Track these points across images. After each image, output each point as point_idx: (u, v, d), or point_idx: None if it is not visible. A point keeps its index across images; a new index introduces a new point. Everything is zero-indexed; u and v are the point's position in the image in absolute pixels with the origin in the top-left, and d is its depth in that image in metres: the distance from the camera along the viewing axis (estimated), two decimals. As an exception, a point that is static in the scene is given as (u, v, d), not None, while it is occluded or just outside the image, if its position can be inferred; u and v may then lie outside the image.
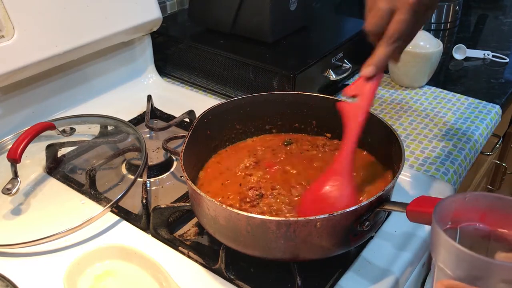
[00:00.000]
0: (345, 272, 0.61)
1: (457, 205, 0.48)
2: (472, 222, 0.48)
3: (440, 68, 1.07)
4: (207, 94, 1.04)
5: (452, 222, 0.48)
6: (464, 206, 0.47)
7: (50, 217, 0.70)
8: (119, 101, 0.98)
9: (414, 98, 1.01)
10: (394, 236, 0.66)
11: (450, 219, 0.48)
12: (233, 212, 0.53)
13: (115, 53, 0.99)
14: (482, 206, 0.47)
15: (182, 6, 1.21)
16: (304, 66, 0.91)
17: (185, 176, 0.59)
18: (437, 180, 0.77)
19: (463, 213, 0.47)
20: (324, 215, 0.52)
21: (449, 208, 0.47)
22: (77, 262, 0.60)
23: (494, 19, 1.42)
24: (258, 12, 0.96)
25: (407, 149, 0.85)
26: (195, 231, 0.68)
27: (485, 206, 0.47)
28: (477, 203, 0.47)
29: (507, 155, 1.40)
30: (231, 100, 0.74)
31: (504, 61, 1.14)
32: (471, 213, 0.47)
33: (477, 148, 0.88)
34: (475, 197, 0.47)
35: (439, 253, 0.43)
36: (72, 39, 0.84)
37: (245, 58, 0.95)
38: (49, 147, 0.80)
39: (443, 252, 0.43)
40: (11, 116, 0.85)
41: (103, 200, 0.72)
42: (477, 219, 0.47)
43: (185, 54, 1.04)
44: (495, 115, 0.95)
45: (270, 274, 0.61)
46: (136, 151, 0.80)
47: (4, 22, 0.76)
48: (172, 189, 0.76)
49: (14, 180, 0.70)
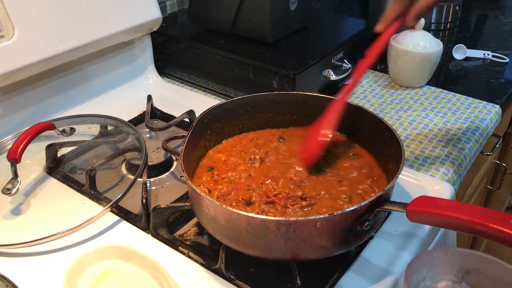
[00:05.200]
0: (345, 272, 0.61)
1: (437, 260, 0.46)
2: (451, 280, 0.46)
3: (440, 68, 1.07)
4: (207, 94, 1.04)
5: (430, 278, 0.46)
6: (445, 262, 0.46)
7: (50, 217, 0.70)
8: (119, 101, 0.98)
9: (414, 98, 1.01)
10: (394, 236, 0.66)
11: (427, 274, 0.46)
12: (233, 212, 0.53)
13: (115, 53, 0.99)
14: (465, 264, 0.45)
15: (182, 6, 1.21)
16: (304, 66, 0.91)
17: (185, 176, 0.59)
18: (437, 180, 0.77)
19: (443, 269, 0.46)
20: (324, 215, 0.52)
21: (426, 264, 0.46)
22: (77, 262, 0.60)
23: (494, 19, 1.42)
24: (258, 12, 0.96)
25: (407, 149, 0.85)
26: (195, 231, 0.68)
27: (468, 265, 0.45)
28: (460, 260, 0.45)
29: (507, 155, 1.40)
30: (231, 100, 0.74)
31: (504, 61, 1.14)
32: (452, 270, 0.45)
33: (477, 148, 0.88)
34: (458, 254, 0.45)
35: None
36: (72, 39, 0.84)
37: (245, 58, 0.95)
38: (49, 147, 0.80)
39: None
40: (11, 116, 0.85)
41: (103, 200, 0.72)
42: (458, 277, 0.46)
43: (185, 54, 1.04)
44: (495, 115, 0.95)
45: (270, 274, 0.61)
46: (136, 151, 0.80)
47: (4, 22, 0.76)
48: (172, 189, 0.76)
49: (14, 180, 0.70)
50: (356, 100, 1.00)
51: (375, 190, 0.64)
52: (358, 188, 0.65)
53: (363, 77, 0.68)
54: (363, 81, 1.07)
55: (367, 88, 1.04)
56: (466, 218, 0.46)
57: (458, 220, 0.47)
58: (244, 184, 0.65)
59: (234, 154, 0.72)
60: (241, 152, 0.72)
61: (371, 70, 1.10)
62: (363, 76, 0.68)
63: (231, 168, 0.69)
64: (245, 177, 0.67)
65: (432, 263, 0.46)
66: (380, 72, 1.10)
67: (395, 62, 1.03)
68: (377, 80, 1.08)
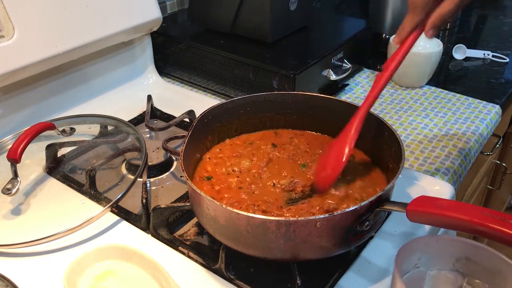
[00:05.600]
0: (345, 272, 0.61)
1: (428, 248, 0.46)
2: (443, 268, 0.46)
3: (440, 68, 1.07)
4: (207, 94, 1.04)
5: (422, 265, 0.46)
6: (436, 250, 0.45)
7: (50, 217, 0.70)
8: (119, 101, 0.98)
9: (414, 98, 1.01)
10: (394, 236, 0.66)
11: (418, 261, 0.46)
12: (233, 212, 0.53)
13: (115, 53, 0.99)
14: (456, 252, 0.45)
15: (182, 6, 1.21)
16: (304, 66, 0.91)
17: (185, 176, 0.59)
18: (437, 180, 0.77)
19: (435, 256, 0.45)
20: (324, 215, 0.52)
21: (417, 250, 0.45)
22: (77, 262, 0.60)
23: (494, 19, 1.42)
24: (258, 12, 0.96)
25: (407, 149, 0.85)
26: (195, 231, 0.68)
27: (460, 253, 0.45)
28: (452, 248, 0.45)
29: (507, 155, 1.40)
30: (231, 100, 0.74)
31: (504, 61, 1.14)
32: (443, 258, 0.45)
33: (477, 148, 0.88)
34: (450, 242, 0.45)
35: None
36: (72, 39, 0.84)
37: (245, 58, 0.95)
38: (49, 147, 0.80)
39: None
40: (11, 116, 0.85)
41: (103, 200, 0.72)
42: (449, 265, 0.46)
43: (185, 54, 1.04)
44: (495, 115, 0.95)
45: (270, 274, 0.61)
46: (136, 151, 0.80)
47: (4, 22, 0.76)
48: (172, 189, 0.76)
49: (14, 180, 0.70)
50: (356, 100, 1.00)
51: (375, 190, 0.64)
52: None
53: (381, 93, 0.65)
54: (363, 81, 1.07)
55: (367, 89, 1.04)
56: (466, 218, 0.46)
57: (458, 220, 0.47)
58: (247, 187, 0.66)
59: (233, 154, 0.72)
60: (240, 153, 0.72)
61: (371, 70, 1.10)
62: (382, 91, 0.65)
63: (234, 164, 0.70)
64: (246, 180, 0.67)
65: (424, 250, 0.46)
66: (380, 72, 1.10)
67: (395, 62, 1.02)
68: (377, 80, 1.07)
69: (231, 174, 0.68)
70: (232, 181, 0.66)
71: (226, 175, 0.68)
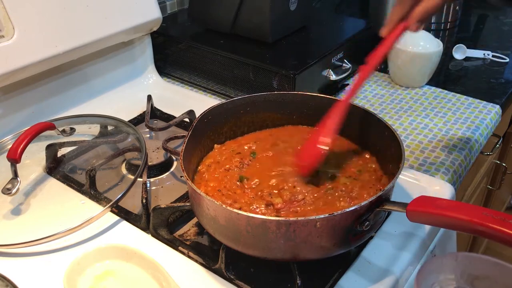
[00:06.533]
0: (345, 272, 0.61)
1: (446, 266, 0.45)
2: (460, 286, 0.45)
3: (440, 68, 1.07)
4: (207, 94, 1.04)
5: (439, 283, 0.45)
6: (454, 267, 0.44)
7: (50, 217, 0.70)
8: (119, 101, 0.98)
9: (414, 98, 1.01)
10: (394, 236, 0.66)
11: (436, 279, 0.45)
12: (233, 212, 0.53)
13: (115, 53, 0.99)
14: (475, 270, 0.44)
15: (182, 6, 1.21)
16: (304, 66, 0.91)
17: (185, 176, 0.59)
18: (437, 180, 0.77)
19: (452, 274, 0.44)
20: (324, 215, 0.52)
21: (436, 269, 0.44)
22: (77, 262, 0.60)
23: (494, 19, 1.42)
24: (258, 12, 0.96)
25: (407, 149, 0.85)
26: (195, 231, 0.68)
27: (478, 271, 0.44)
28: (470, 266, 0.44)
29: (507, 155, 1.40)
30: (231, 100, 0.74)
31: (504, 61, 1.14)
32: (462, 275, 0.44)
33: (477, 148, 0.88)
34: (468, 259, 0.44)
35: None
36: (72, 39, 0.84)
37: (245, 58, 0.95)
38: (49, 147, 0.80)
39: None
40: (11, 116, 0.85)
41: (103, 200, 0.72)
42: (468, 283, 0.45)
43: (185, 54, 1.04)
44: (495, 115, 0.95)
45: (270, 274, 0.61)
46: (136, 151, 0.80)
47: (4, 22, 0.76)
48: (172, 189, 0.76)
49: (14, 180, 0.70)
50: (356, 100, 1.00)
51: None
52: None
53: (364, 83, 0.66)
54: (363, 81, 1.07)
55: (367, 88, 1.04)
56: (466, 218, 0.46)
57: (458, 220, 0.47)
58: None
59: (233, 155, 0.72)
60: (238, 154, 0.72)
61: (371, 70, 1.10)
62: (365, 82, 0.65)
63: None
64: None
65: (442, 269, 0.45)
66: (380, 72, 1.10)
67: (395, 62, 1.03)
68: (377, 80, 1.08)
69: (231, 174, 0.68)
70: (233, 181, 0.66)
71: (226, 175, 0.68)
